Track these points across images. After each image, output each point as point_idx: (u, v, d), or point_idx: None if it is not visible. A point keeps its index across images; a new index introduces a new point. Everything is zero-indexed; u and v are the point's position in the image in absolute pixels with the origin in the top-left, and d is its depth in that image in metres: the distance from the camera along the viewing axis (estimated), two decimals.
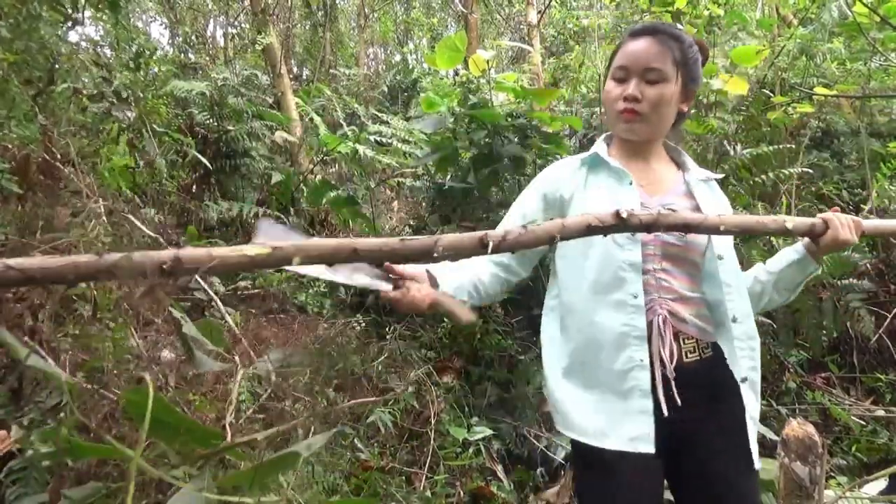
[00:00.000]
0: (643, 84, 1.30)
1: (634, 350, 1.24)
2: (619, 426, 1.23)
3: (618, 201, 1.28)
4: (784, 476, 0.89)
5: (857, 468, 2.74)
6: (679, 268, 1.30)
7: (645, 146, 1.40)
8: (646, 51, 1.30)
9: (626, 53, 1.32)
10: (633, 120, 1.32)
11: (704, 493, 1.28)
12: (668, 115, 1.34)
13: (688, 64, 1.32)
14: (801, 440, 0.88)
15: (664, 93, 1.30)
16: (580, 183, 1.38)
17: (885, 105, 4.89)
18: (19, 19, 2.50)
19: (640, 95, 1.30)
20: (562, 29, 10.05)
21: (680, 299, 1.28)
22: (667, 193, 1.36)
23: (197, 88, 4.55)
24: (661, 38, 1.31)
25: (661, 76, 1.29)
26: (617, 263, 1.27)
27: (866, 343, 3.26)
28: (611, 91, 1.34)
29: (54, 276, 0.68)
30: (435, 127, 3.51)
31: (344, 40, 11.94)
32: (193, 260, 0.70)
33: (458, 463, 2.54)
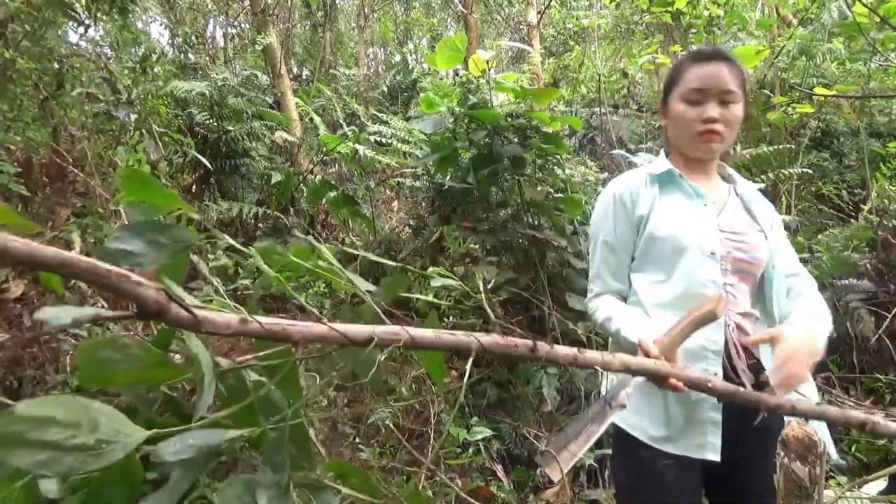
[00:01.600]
0: (719, 107, 1.37)
1: (711, 363, 1.29)
2: (685, 434, 1.29)
3: (696, 221, 1.36)
4: (784, 476, 0.89)
5: (857, 468, 2.74)
6: (743, 282, 1.36)
7: (710, 163, 1.47)
8: (722, 75, 1.37)
9: (701, 76, 1.38)
10: (714, 140, 1.38)
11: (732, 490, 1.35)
12: (736, 134, 1.43)
13: (744, 85, 1.41)
14: (801, 440, 0.88)
15: (738, 113, 1.38)
16: (654, 199, 1.42)
17: (885, 105, 4.90)
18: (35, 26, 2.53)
19: (720, 116, 1.36)
20: (561, 29, 10.05)
21: (744, 314, 1.34)
22: (727, 210, 1.42)
23: (197, 89, 4.56)
24: (730, 62, 1.39)
25: (736, 98, 1.37)
26: (699, 280, 1.32)
27: (866, 343, 3.25)
28: (686, 114, 1.39)
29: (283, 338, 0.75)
30: (435, 127, 3.52)
31: (344, 40, 11.95)
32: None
33: (458, 463, 2.54)
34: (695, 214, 1.38)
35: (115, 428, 0.62)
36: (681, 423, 1.30)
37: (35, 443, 0.57)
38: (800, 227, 3.78)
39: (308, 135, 5.63)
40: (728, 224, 1.38)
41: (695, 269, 1.33)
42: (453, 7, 11.56)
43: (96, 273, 0.62)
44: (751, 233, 1.38)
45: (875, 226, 3.56)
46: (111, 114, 3.05)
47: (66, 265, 0.60)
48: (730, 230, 1.37)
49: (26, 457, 0.56)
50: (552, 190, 3.45)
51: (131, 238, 0.78)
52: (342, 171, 5.62)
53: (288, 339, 0.76)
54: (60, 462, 0.57)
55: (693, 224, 1.36)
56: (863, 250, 3.46)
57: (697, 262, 1.33)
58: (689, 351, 1.28)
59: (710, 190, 1.44)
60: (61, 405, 0.61)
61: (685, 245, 1.34)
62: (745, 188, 1.48)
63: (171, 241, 0.81)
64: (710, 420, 1.28)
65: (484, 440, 2.62)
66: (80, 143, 2.75)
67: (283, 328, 0.75)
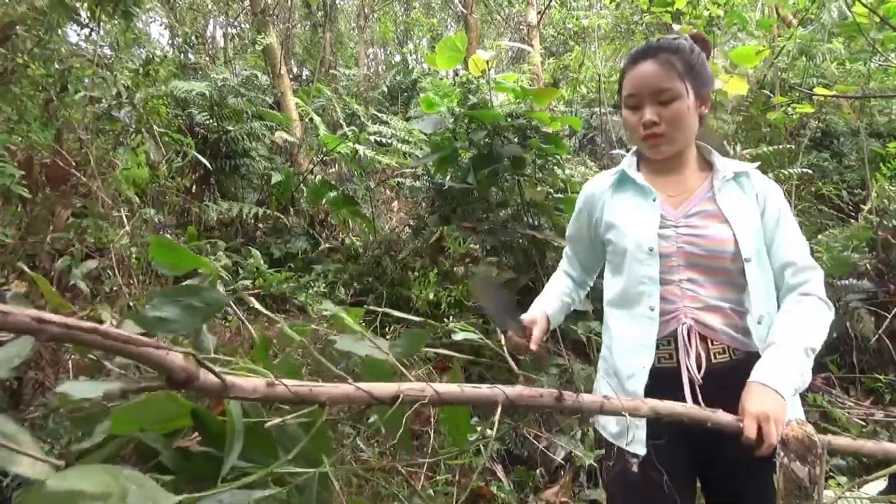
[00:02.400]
0: (657, 106, 1.32)
1: (643, 358, 1.30)
2: (627, 430, 1.32)
3: (638, 219, 1.35)
4: (783, 476, 0.89)
5: (857, 469, 2.74)
6: (706, 276, 1.31)
7: (676, 158, 1.42)
8: (650, 74, 1.32)
9: (632, 80, 1.35)
10: (658, 143, 1.35)
11: (729, 490, 1.33)
12: (691, 126, 1.35)
13: (694, 72, 1.33)
14: (801, 440, 0.88)
15: (679, 109, 1.31)
16: (607, 201, 1.44)
17: (885, 105, 4.90)
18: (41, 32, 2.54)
19: (658, 118, 1.32)
20: (561, 29, 10.05)
21: (707, 308, 1.30)
22: (692, 202, 1.37)
23: (197, 89, 4.56)
24: (662, 56, 1.32)
25: (673, 94, 1.30)
26: (638, 278, 1.32)
27: (866, 343, 3.26)
28: (629, 119, 1.37)
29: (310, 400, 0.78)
30: (435, 127, 3.52)
31: (344, 40, 11.95)
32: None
33: (458, 463, 2.54)
34: (638, 212, 1.37)
35: (145, 495, 0.62)
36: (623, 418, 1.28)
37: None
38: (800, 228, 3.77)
39: (308, 135, 5.63)
40: (683, 218, 1.34)
41: (635, 266, 1.33)
42: (453, 7, 11.56)
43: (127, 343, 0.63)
44: (712, 225, 1.31)
45: (875, 226, 3.56)
46: (112, 115, 3.05)
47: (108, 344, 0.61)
48: (685, 224, 1.33)
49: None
50: (552, 190, 3.45)
51: (166, 305, 0.81)
52: (342, 171, 5.62)
53: (314, 400, 0.77)
54: None
55: (634, 222, 1.36)
56: (863, 250, 3.46)
57: (637, 259, 1.33)
58: (624, 348, 1.35)
59: (676, 184, 1.40)
60: (90, 476, 0.61)
61: (625, 244, 1.35)
62: (725, 175, 1.38)
63: (203, 304, 0.83)
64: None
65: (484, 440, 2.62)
66: (83, 145, 2.75)
67: (310, 390, 0.77)
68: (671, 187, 1.39)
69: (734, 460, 1.29)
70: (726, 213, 1.32)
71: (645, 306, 1.32)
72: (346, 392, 0.80)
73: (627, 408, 1.05)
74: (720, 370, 1.27)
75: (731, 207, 1.33)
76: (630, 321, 1.34)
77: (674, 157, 1.40)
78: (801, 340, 1.23)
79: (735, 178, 1.39)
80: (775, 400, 1.14)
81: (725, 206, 1.33)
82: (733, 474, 1.32)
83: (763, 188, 1.39)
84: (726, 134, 3.81)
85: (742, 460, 1.29)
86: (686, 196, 1.38)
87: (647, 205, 1.37)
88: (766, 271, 1.34)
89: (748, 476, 1.30)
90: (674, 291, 1.31)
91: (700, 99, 1.35)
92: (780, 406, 1.13)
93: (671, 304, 1.31)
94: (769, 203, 1.37)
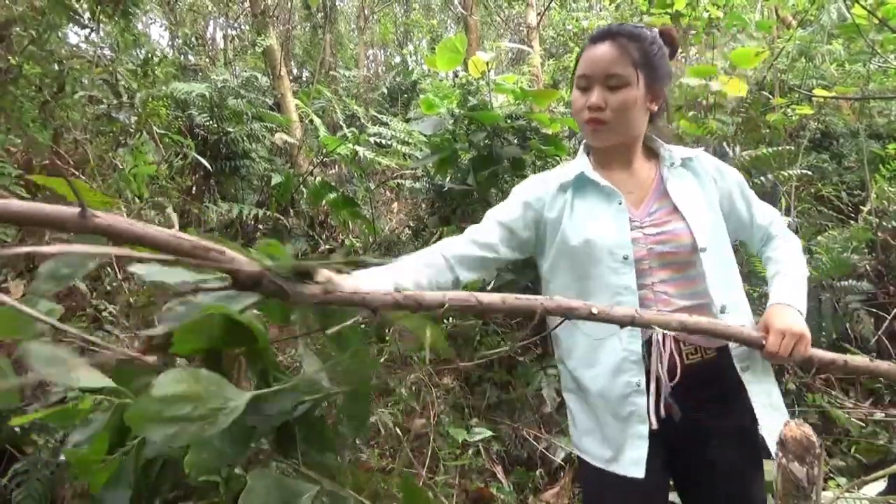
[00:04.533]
0: (605, 91, 1.27)
1: (632, 374, 1.24)
2: (622, 453, 1.26)
3: (609, 224, 1.29)
4: (782, 476, 0.90)
5: (857, 469, 2.74)
6: (675, 273, 1.28)
7: (623, 150, 1.36)
8: (604, 57, 1.27)
9: (586, 61, 1.30)
10: (599, 129, 1.30)
11: (712, 493, 1.30)
12: (636, 119, 1.31)
13: (650, 63, 1.29)
14: (799, 440, 0.88)
15: (626, 98, 1.27)
16: (567, 205, 1.35)
17: (884, 107, 4.90)
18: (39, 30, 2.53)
19: (604, 104, 1.27)
20: (561, 30, 10.06)
21: (680, 310, 1.25)
22: (650, 199, 1.33)
23: (197, 90, 4.56)
24: (620, 41, 1.28)
25: (622, 81, 1.26)
26: (613, 289, 1.26)
27: (866, 345, 3.25)
28: (576, 100, 1.32)
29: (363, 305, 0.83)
30: (434, 128, 3.52)
31: (344, 42, 11.96)
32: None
33: (457, 464, 2.54)
34: (605, 218, 1.30)
35: (223, 395, 0.70)
36: (618, 442, 1.26)
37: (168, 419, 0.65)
38: (799, 229, 3.78)
39: (308, 136, 5.64)
40: (647, 217, 1.30)
41: (608, 277, 1.26)
42: (453, 8, 11.57)
43: (198, 249, 0.68)
44: (673, 219, 1.29)
45: (874, 227, 3.56)
46: (111, 115, 3.06)
47: (172, 245, 0.66)
48: (650, 223, 1.29)
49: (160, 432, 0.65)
50: None
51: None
52: (342, 172, 5.62)
53: (367, 305, 0.82)
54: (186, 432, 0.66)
55: (603, 229, 1.28)
56: (862, 252, 3.46)
57: (610, 269, 1.26)
58: (612, 365, 1.26)
59: (630, 180, 1.36)
60: (183, 380, 0.68)
61: (595, 254, 1.27)
62: (671, 164, 1.36)
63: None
64: (639, 435, 1.23)
65: (483, 441, 2.62)
66: (81, 145, 2.76)
67: (363, 297, 0.82)
68: (626, 184, 1.35)
69: (711, 464, 1.28)
70: (678, 204, 1.30)
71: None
72: (396, 299, 0.85)
73: (657, 321, 1.09)
74: (690, 371, 1.23)
75: (682, 197, 1.31)
76: (606, 336, 1.25)
77: (620, 150, 1.36)
78: (800, 268, 1.34)
79: (683, 165, 1.37)
80: (799, 318, 1.21)
81: (677, 197, 1.31)
82: (710, 479, 1.29)
83: (716, 170, 1.40)
84: (725, 135, 3.81)
85: (720, 464, 1.27)
86: (643, 193, 1.34)
87: (613, 209, 1.30)
88: (724, 259, 1.32)
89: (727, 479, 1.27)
90: (647, 296, 1.26)
91: (651, 93, 1.31)
92: (803, 326, 1.19)
93: (646, 310, 1.24)
94: (728, 182, 1.39)
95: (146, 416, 0.65)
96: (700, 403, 1.25)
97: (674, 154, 1.38)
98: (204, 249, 0.68)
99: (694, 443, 1.28)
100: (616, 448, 1.26)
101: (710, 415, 1.26)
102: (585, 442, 1.34)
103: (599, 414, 1.30)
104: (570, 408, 1.40)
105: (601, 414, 1.29)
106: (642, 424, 1.23)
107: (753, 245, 1.47)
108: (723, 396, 1.27)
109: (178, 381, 0.68)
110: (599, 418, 1.30)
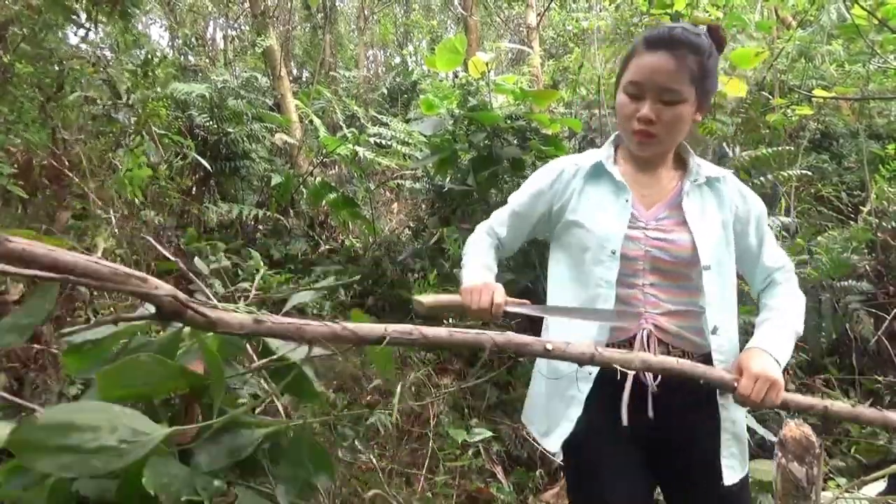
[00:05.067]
0: (659, 104, 1.23)
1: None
2: (555, 430, 1.32)
3: (609, 217, 1.30)
4: (781, 476, 0.90)
5: (857, 470, 2.74)
6: (670, 281, 1.28)
7: (656, 157, 1.36)
8: (662, 69, 1.21)
9: (642, 68, 1.23)
10: (649, 142, 1.27)
11: (683, 496, 1.33)
12: (683, 132, 1.30)
13: (706, 78, 1.24)
14: (798, 441, 0.88)
15: (681, 114, 1.24)
16: (576, 189, 1.36)
17: (884, 107, 4.91)
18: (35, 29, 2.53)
19: (656, 118, 1.23)
20: (561, 31, 10.06)
21: (668, 313, 1.27)
22: (662, 206, 1.33)
23: (197, 91, 4.56)
24: (680, 53, 1.20)
25: (678, 97, 1.22)
26: (594, 280, 1.28)
27: (865, 345, 3.26)
28: (625, 106, 1.27)
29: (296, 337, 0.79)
30: (434, 129, 3.52)
31: (344, 42, 11.96)
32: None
33: (457, 464, 2.54)
34: (608, 210, 1.30)
35: (134, 428, 0.66)
36: (552, 418, 1.34)
37: (57, 448, 0.61)
38: (799, 229, 3.78)
39: (308, 137, 5.63)
40: (654, 221, 1.30)
41: (593, 267, 1.28)
42: (453, 9, 11.58)
43: (117, 277, 0.65)
44: (677, 230, 1.28)
45: (874, 227, 3.56)
46: (111, 116, 3.05)
47: (90, 271, 0.64)
48: (655, 227, 1.29)
49: (50, 462, 0.61)
50: None
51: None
52: (342, 172, 5.62)
53: (301, 337, 0.78)
54: (86, 464, 0.62)
55: (601, 220, 1.29)
56: (862, 252, 3.46)
57: (597, 260, 1.27)
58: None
59: (650, 181, 1.35)
60: (81, 410, 0.65)
61: (587, 242, 1.29)
62: (697, 180, 1.34)
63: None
64: (567, 418, 1.30)
65: (483, 442, 2.62)
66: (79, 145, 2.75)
67: (297, 327, 0.77)
68: (645, 185, 1.34)
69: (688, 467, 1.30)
70: (689, 218, 1.29)
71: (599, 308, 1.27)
72: (333, 331, 0.80)
73: (618, 360, 1.05)
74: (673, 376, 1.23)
75: (695, 213, 1.30)
76: (579, 323, 1.28)
77: (655, 156, 1.35)
78: (793, 324, 1.29)
79: (708, 183, 1.35)
80: (774, 365, 1.17)
81: (690, 211, 1.30)
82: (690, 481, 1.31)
83: (740, 195, 1.38)
84: (725, 136, 3.81)
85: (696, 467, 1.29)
86: (659, 197, 1.34)
87: (618, 204, 1.31)
88: (726, 281, 1.32)
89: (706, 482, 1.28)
90: (636, 296, 1.27)
91: (700, 106, 1.29)
92: (778, 374, 1.15)
93: (632, 309, 1.27)
94: (748, 210, 1.36)
95: (30, 444, 0.61)
96: (679, 409, 1.26)
97: (702, 170, 1.36)
98: (124, 276, 0.66)
99: (668, 447, 1.29)
100: (552, 425, 1.34)
101: (684, 421, 1.28)
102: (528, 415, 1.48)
103: (548, 390, 1.38)
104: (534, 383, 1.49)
105: (549, 391, 1.38)
106: (577, 408, 1.29)
107: (753, 283, 1.43)
108: (698, 403, 1.28)
109: (77, 411, 0.65)
110: (545, 394, 1.39)
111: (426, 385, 2.80)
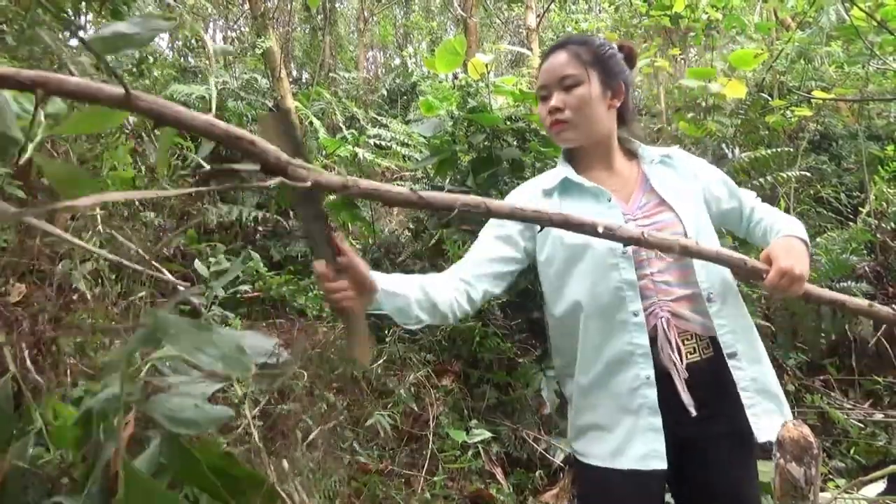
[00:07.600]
0: (562, 93, 1.34)
1: (641, 368, 1.25)
2: (629, 446, 1.25)
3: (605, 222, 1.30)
4: (780, 477, 0.90)
5: (856, 470, 2.74)
6: (670, 263, 1.30)
7: (600, 151, 1.41)
8: (556, 63, 1.35)
9: (543, 72, 1.38)
10: (563, 129, 1.36)
11: (706, 495, 1.30)
12: (597, 115, 1.35)
13: (600, 61, 1.35)
14: (797, 441, 0.89)
15: (582, 95, 1.32)
16: (556, 209, 1.34)
17: (883, 108, 4.91)
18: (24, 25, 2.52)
19: (562, 104, 1.33)
20: (561, 32, 10.07)
21: (678, 298, 1.28)
22: (637, 194, 1.37)
23: (196, 92, 4.57)
24: (567, 47, 1.36)
25: (576, 80, 1.33)
26: (615, 284, 1.27)
27: (865, 346, 3.26)
28: (540, 111, 1.40)
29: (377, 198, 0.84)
30: (434, 130, 3.53)
31: (343, 44, 11.96)
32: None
33: (457, 465, 2.54)
34: (599, 216, 1.25)
35: None
36: (627, 436, 1.26)
37: None
38: None
39: (308, 138, 5.64)
40: (638, 209, 1.34)
41: (611, 273, 1.27)
42: (453, 10, 11.59)
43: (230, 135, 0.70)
44: (662, 210, 1.33)
45: (873, 228, 3.57)
46: None
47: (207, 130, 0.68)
48: (642, 215, 1.33)
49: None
50: None
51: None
52: (341, 174, 5.62)
53: (381, 199, 0.84)
54: None
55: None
56: (861, 253, 3.47)
57: (610, 265, 1.27)
58: (615, 358, 1.26)
59: (614, 179, 1.39)
60: None
61: (597, 252, 1.28)
62: (653, 158, 1.42)
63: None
64: (649, 427, 1.24)
65: (483, 443, 2.62)
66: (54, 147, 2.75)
67: (378, 189, 0.82)
68: (612, 184, 1.38)
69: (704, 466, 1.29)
70: (664, 196, 1.34)
71: (627, 311, 1.26)
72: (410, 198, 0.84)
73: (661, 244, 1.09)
74: (691, 371, 1.25)
75: (667, 190, 1.36)
76: (614, 330, 1.27)
77: (597, 152, 1.40)
78: (796, 220, 1.37)
79: (662, 162, 1.42)
80: (803, 256, 1.22)
81: (662, 190, 1.36)
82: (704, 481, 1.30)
83: (695, 164, 1.46)
84: (724, 137, 3.82)
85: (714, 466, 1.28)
86: (629, 189, 1.38)
87: (603, 207, 1.33)
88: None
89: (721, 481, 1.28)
90: (648, 286, 1.28)
91: (610, 90, 1.36)
92: (805, 266, 1.19)
93: (647, 301, 1.27)
94: (708, 174, 1.45)
95: None
96: (699, 404, 1.25)
97: (652, 152, 1.44)
98: (236, 137, 0.70)
99: (690, 444, 1.28)
100: (624, 442, 1.26)
101: (707, 415, 1.26)
102: (584, 441, 1.34)
103: (603, 410, 1.30)
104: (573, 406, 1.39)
105: (603, 407, 1.30)
106: (654, 416, 1.24)
107: (741, 227, 1.49)
108: (718, 396, 1.28)
109: None
110: (603, 414, 1.30)
111: (425, 386, 2.80)
